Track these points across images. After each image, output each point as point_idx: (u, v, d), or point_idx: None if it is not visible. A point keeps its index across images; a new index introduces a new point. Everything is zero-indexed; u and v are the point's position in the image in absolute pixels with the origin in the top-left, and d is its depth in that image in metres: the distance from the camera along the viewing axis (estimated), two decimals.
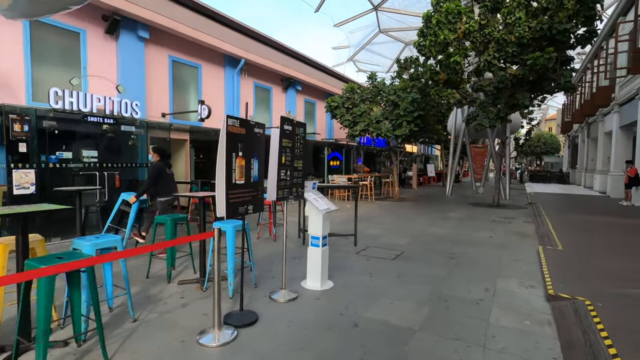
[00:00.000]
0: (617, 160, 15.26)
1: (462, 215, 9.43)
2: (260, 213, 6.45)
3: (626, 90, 14.42)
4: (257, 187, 2.99)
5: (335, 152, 15.30)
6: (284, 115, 3.21)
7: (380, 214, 9.65)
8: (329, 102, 13.09)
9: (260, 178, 3.07)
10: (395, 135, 11.77)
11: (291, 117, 3.36)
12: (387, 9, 26.05)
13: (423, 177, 23.06)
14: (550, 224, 7.99)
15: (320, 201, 3.79)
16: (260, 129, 3.03)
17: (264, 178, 3.17)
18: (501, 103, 9.18)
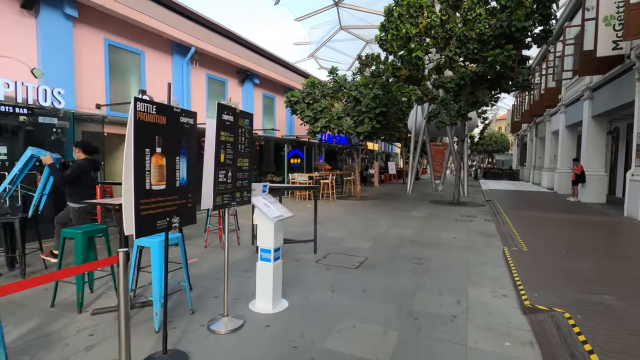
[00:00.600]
0: (564, 158, 16.12)
1: (424, 214, 9.25)
2: (209, 217, 5.71)
3: (572, 92, 15.21)
4: (186, 193, 2.33)
5: (296, 149, 14.70)
6: (222, 103, 2.56)
7: (342, 214, 9.21)
8: (289, 97, 12.44)
9: (192, 181, 2.41)
10: (357, 132, 11.39)
11: (233, 104, 2.72)
12: (348, 6, 25.76)
13: (384, 174, 23.15)
14: (509, 222, 7.99)
15: (271, 207, 3.18)
16: (190, 118, 2.36)
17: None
18: (462, 100, 9.09)
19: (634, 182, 8.70)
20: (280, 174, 14.49)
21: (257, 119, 14.42)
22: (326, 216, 8.73)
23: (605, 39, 9.49)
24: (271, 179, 14.63)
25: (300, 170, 15.23)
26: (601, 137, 12.55)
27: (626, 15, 8.25)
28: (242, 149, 2.85)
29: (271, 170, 15.06)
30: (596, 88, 12.11)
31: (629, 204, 8.86)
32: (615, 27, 9.39)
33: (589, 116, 12.57)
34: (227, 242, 2.94)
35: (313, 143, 16.79)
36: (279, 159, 14.85)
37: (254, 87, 13.92)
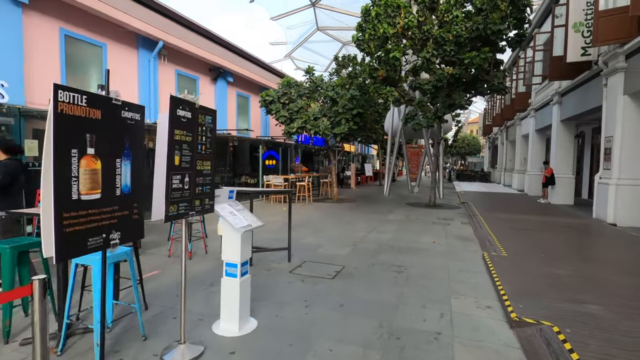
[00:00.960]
0: (533, 161, 16.59)
1: (402, 217, 9.11)
2: (173, 223, 5.24)
3: (541, 97, 15.68)
4: (130, 203, 1.94)
5: (271, 150, 14.28)
6: (176, 96, 2.19)
7: (319, 218, 8.91)
8: (263, 96, 12.03)
9: (139, 188, 2.03)
10: (333, 133, 11.15)
11: (191, 99, 2.35)
12: (325, 7, 25.62)
13: (361, 176, 23.09)
14: (486, 224, 7.97)
15: (238, 216, 2.83)
16: (135, 113, 1.98)
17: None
18: (439, 102, 9.04)
19: (602, 185, 8.92)
20: (255, 176, 14.02)
21: (231, 119, 13.89)
22: (302, 220, 8.40)
23: (575, 45, 9.74)
24: (245, 180, 14.14)
25: (276, 172, 14.82)
26: (569, 140, 12.95)
27: (595, 23, 8.46)
28: (202, 150, 2.49)
29: (245, 172, 14.58)
30: (565, 93, 12.48)
31: (597, 206, 9.09)
32: (583, 33, 9.66)
33: (558, 120, 12.94)
34: (184, 258, 2.55)
35: (289, 144, 16.42)
36: (254, 161, 14.39)
37: (227, 85, 13.40)
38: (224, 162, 13.29)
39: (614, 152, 8.50)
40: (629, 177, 8.24)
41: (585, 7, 9.59)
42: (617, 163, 8.43)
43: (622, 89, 8.35)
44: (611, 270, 4.54)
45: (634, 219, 8.14)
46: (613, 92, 8.62)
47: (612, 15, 8.16)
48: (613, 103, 8.60)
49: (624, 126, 8.31)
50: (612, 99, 8.64)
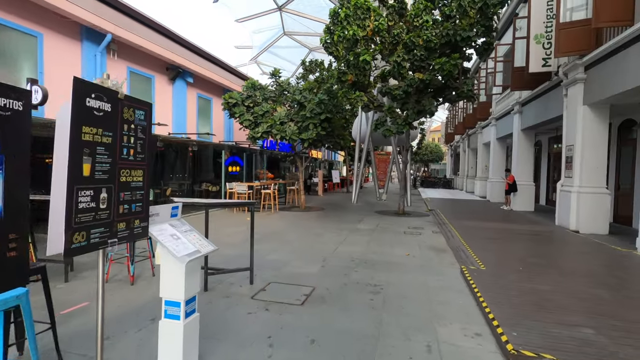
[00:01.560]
0: (495, 168, 17.07)
1: (372, 227, 8.75)
2: None
3: (502, 106, 16.19)
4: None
5: (235, 156, 13.51)
6: (82, 79, 1.56)
7: (285, 228, 8.32)
8: (226, 99, 11.31)
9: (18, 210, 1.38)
10: (301, 138, 10.64)
11: (112, 85, 1.73)
12: (292, 11, 25.28)
13: (328, 183, 22.75)
14: (457, 233, 7.79)
15: (182, 239, 2.21)
16: (16, 100, 1.34)
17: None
18: (409, 109, 8.83)
19: (564, 192, 9.11)
20: (217, 183, 13.16)
21: (191, 122, 12.98)
22: (267, 232, 7.77)
23: (536, 56, 9.98)
24: (207, 188, 13.25)
25: (240, 179, 14.04)
26: (529, 149, 13.36)
27: (556, 34, 8.67)
28: (130, 155, 1.86)
29: (207, 180, 13.67)
30: (525, 103, 12.87)
31: (560, 213, 9.26)
32: (544, 45, 9.92)
33: (519, 129, 13.32)
34: (101, 299, 1.90)
35: (254, 150, 15.70)
36: (217, 167, 13.53)
37: (187, 86, 12.51)
38: (182, 169, 12.34)
39: (575, 160, 8.70)
40: (590, 185, 8.44)
41: (545, 20, 9.87)
42: (578, 171, 8.62)
43: (581, 99, 8.59)
44: (588, 283, 4.37)
45: (596, 226, 8.32)
46: (573, 102, 8.86)
47: (572, 27, 8.39)
48: (573, 113, 8.83)
49: (584, 135, 8.53)
50: (573, 109, 8.87)
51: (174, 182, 11.88)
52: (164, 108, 11.53)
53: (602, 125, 8.43)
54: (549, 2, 9.77)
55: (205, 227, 3.88)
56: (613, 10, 6.81)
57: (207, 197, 13.29)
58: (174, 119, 12.05)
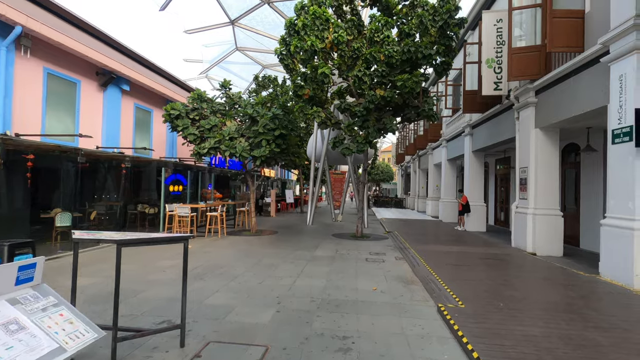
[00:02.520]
0: (446, 188, 17.37)
1: (331, 253, 7.96)
2: None
3: (452, 128, 16.65)
4: None
5: (177, 174, 12.10)
6: None
7: (232, 258, 7.23)
8: (168, 110, 10.07)
9: None
10: (252, 156, 9.70)
11: None
12: (244, 26, 24.56)
13: (281, 203, 21.75)
14: (422, 260, 7.28)
15: (28, 331, 1.22)
16: None
17: None
18: (370, 126, 8.36)
19: (519, 214, 9.13)
20: (157, 205, 11.61)
21: (126, 135, 11.44)
22: (211, 264, 6.63)
23: (488, 79, 10.17)
24: (143, 210, 11.64)
25: (183, 200, 12.60)
26: (480, 170, 13.66)
27: (509, 59, 8.83)
28: None
29: (144, 200, 12.05)
30: (476, 125, 13.21)
31: (516, 235, 9.25)
32: (495, 69, 10.17)
33: (470, 151, 13.60)
34: None
35: (202, 168, 14.36)
36: (157, 186, 12.00)
37: (121, 95, 11.03)
38: (114, 188, 10.69)
39: (529, 182, 8.77)
40: (545, 207, 8.50)
41: (495, 46, 10.15)
42: (533, 193, 8.67)
43: (533, 122, 8.76)
44: (575, 322, 3.94)
45: (551, 248, 8.33)
46: (525, 125, 9.02)
47: (524, 53, 8.60)
48: (526, 136, 8.97)
49: (537, 158, 8.65)
50: (525, 131, 9.02)
51: (102, 203, 10.19)
52: (92, 118, 9.96)
53: (553, 147, 8.62)
54: (498, 28, 10.10)
55: (115, 276, 2.78)
56: (566, 37, 6.97)
57: (143, 220, 11.67)
58: (105, 131, 10.47)
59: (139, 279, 5.41)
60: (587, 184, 9.31)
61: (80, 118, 9.51)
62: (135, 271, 5.90)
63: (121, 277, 2.73)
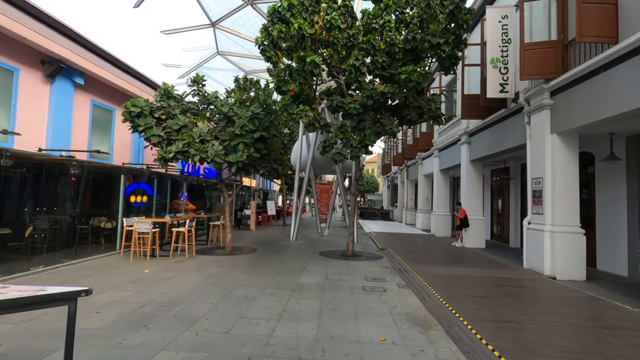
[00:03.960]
0: (439, 201, 16.32)
1: (320, 279, 6.58)
2: None
3: (445, 137, 15.69)
4: None
5: (140, 183, 10.48)
6: None
7: (197, 289, 5.73)
8: (128, 107, 8.55)
9: None
10: (227, 161, 8.27)
11: None
12: (226, 29, 23.23)
13: (262, 215, 20.18)
14: (431, 289, 5.99)
15: None
16: None
17: None
18: (366, 127, 7.10)
19: (533, 231, 8.03)
20: (111, 216, 9.92)
21: (80, 136, 9.80)
22: (166, 298, 5.12)
23: (493, 81, 9.18)
24: (99, 224, 9.93)
25: (148, 213, 10.96)
26: (479, 181, 12.65)
27: (521, 56, 7.86)
28: None
29: (100, 213, 10.33)
30: (474, 133, 12.24)
31: (530, 255, 8.13)
32: (501, 70, 9.20)
33: (467, 160, 12.60)
34: None
35: (173, 176, 12.76)
36: (111, 196, 10.32)
37: (74, 89, 9.43)
38: (62, 198, 8.98)
39: (545, 195, 7.70)
40: (564, 223, 7.42)
41: (501, 44, 9.21)
42: (550, 208, 7.60)
43: (549, 127, 7.74)
44: None
45: (573, 271, 7.24)
46: (539, 130, 8.00)
47: (538, 49, 7.63)
48: (540, 142, 7.95)
49: (554, 167, 7.60)
50: (538, 138, 8.00)
51: (43, 217, 8.46)
52: (34, 114, 8.32)
53: (572, 155, 7.61)
54: (503, 25, 9.17)
55: None
56: (597, 26, 5.98)
57: (98, 237, 9.95)
58: (52, 131, 8.83)
59: (48, 327, 3.87)
60: (605, 197, 8.33)
61: (17, 113, 7.87)
62: (50, 315, 4.33)
63: None
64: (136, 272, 6.89)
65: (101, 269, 7.08)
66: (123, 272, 6.82)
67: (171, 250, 8.92)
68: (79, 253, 8.25)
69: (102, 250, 9.08)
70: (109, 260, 8.16)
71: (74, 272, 6.73)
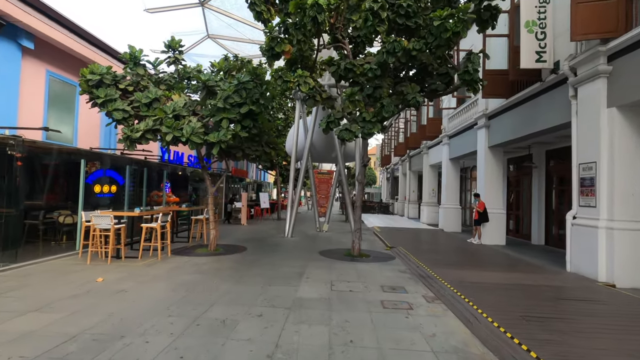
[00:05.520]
0: (449, 192, 14.89)
1: (324, 291, 5.09)
2: None
3: (456, 122, 14.20)
4: None
5: (107, 170, 8.86)
6: None
7: (159, 307, 4.20)
8: (85, 74, 6.92)
9: None
10: (208, 142, 6.70)
11: None
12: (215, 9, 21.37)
13: (255, 208, 18.61)
14: (471, 304, 4.53)
15: None
16: None
17: None
18: (384, 96, 5.55)
19: (580, 227, 6.60)
20: (70, 208, 8.32)
21: (33, 114, 8.14)
22: (109, 325, 3.58)
23: (529, 48, 7.68)
24: (58, 219, 8.32)
25: (119, 206, 9.35)
26: (499, 170, 11.19)
27: (572, 10, 6.35)
28: None
29: (59, 205, 8.70)
30: (494, 115, 10.77)
31: (576, 257, 6.71)
32: (537, 35, 7.70)
33: (486, 147, 11.13)
34: None
35: (153, 163, 11.15)
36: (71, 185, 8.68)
37: (21, 53, 7.75)
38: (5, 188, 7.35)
39: (599, 183, 6.25)
40: (627, 217, 5.99)
41: (538, 4, 7.71)
42: (605, 199, 6.16)
43: (605, 100, 6.27)
44: None
45: (638, 277, 5.83)
46: (590, 104, 6.52)
47: (595, 1, 6.13)
48: (592, 119, 6.47)
49: (612, 149, 6.15)
50: (590, 114, 6.53)
51: None
52: None
53: (636, 134, 6.15)
54: None
55: None
56: None
57: (55, 233, 8.35)
58: None
59: None
60: None
61: None
62: None
63: None
64: (87, 280, 5.34)
65: (43, 277, 5.52)
66: (69, 281, 5.26)
67: (140, 250, 7.35)
68: (24, 255, 6.66)
69: (59, 251, 7.51)
70: (61, 263, 6.59)
71: (4, 281, 5.16)
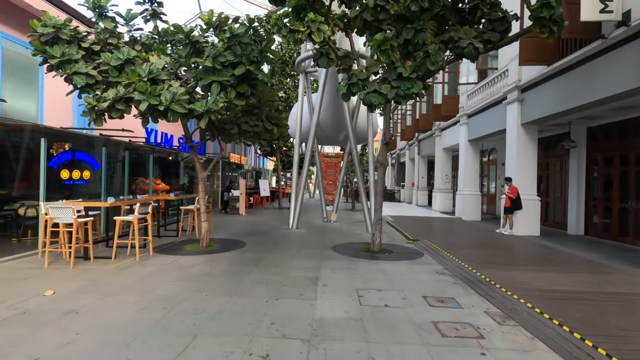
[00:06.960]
0: (468, 177, 13.54)
1: (351, 306, 3.74)
2: None
3: (477, 99, 12.73)
4: None
5: (77, 152, 7.42)
6: None
7: (114, 346, 2.84)
8: (35, 27, 5.42)
9: None
10: (193, 111, 5.24)
11: None
12: None
13: (254, 196, 17.22)
14: (568, 329, 3.19)
15: None
16: None
17: None
18: (428, 42, 4.08)
19: None
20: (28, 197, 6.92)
21: None
22: (72, 351, 2.22)
23: None
24: (15, 211, 6.93)
25: (95, 195, 7.96)
26: (533, 150, 9.79)
27: None
28: None
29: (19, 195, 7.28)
30: (528, 87, 9.31)
31: None
32: None
33: (518, 124, 9.70)
34: None
35: (138, 145, 9.71)
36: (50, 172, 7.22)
37: None
38: None
39: None
40: None
41: None
42: None
43: None
44: None
45: None
46: None
47: None
48: None
49: None
50: None
51: None
52: None
53: None
54: None
55: None
56: None
57: (13, 228, 6.97)
58: None
59: None
60: None
61: None
62: None
63: None
64: (34, 293, 3.98)
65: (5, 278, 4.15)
66: (10, 294, 3.90)
67: (113, 249, 5.96)
68: None
69: (21, 249, 6.15)
70: (13, 267, 5.23)
71: None
